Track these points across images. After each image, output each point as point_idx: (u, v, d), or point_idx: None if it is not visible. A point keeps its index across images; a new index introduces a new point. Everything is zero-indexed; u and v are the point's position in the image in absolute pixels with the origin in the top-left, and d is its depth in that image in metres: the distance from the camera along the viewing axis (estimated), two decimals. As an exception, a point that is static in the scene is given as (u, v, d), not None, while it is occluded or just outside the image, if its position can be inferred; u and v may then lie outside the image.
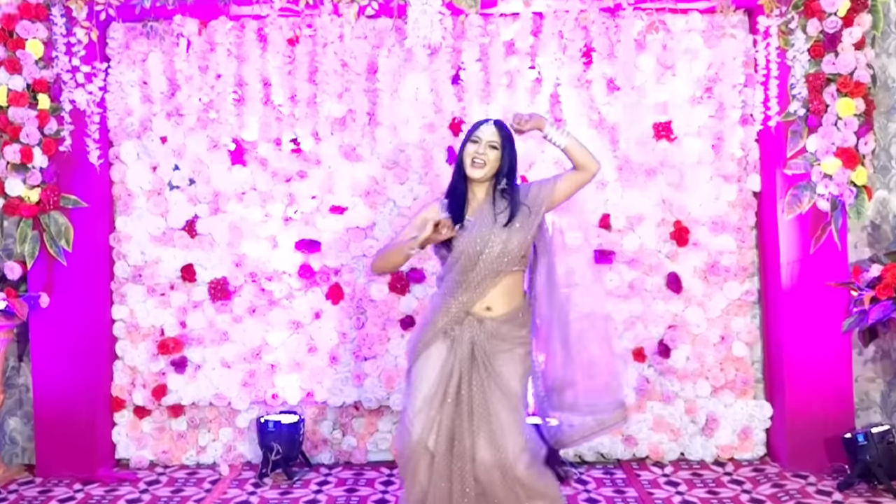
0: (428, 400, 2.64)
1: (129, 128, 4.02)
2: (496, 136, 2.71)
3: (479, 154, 2.69)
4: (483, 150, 2.69)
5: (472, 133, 2.74)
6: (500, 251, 2.66)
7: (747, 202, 4.06)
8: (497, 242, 2.66)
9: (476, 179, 2.71)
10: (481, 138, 2.71)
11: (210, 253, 4.06)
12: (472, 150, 2.70)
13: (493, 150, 2.70)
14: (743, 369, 4.05)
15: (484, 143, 2.70)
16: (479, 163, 2.69)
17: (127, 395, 4.06)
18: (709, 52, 3.98)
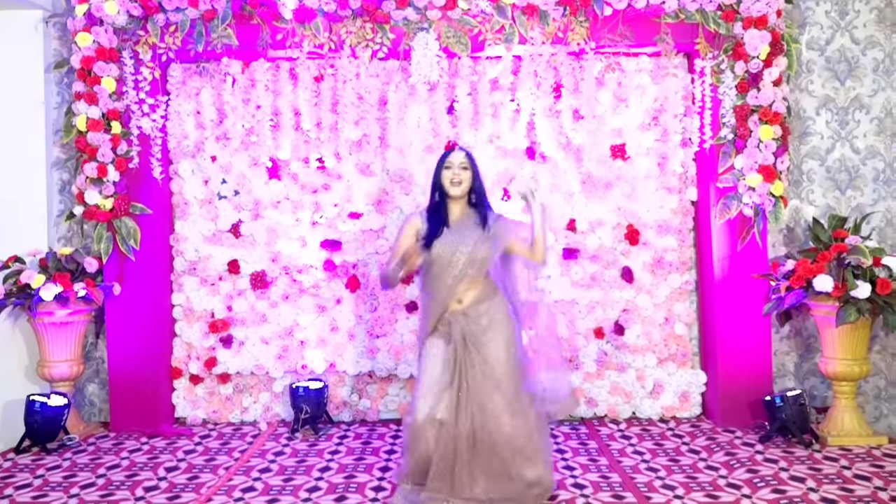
0: (434, 382, 2.64)
1: (185, 149, 4.09)
2: (465, 160, 2.79)
3: (455, 175, 2.76)
4: (457, 171, 2.77)
5: (444, 161, 2.80)
6: (467, 259, 2.70)
7: (686, 209, 4.13)
8: (464, 252, 2.70)
9: (455, 196, 2.77)
10: (453, 163, 2.78)
11: (251, 250, 4.11)
12: (448, 174, 2.78)
13: (465, 171, 2.78)
14: (683, 345, 4.13)
15: (457, 166, 2.78)
16: (457, 181, 2.76)
17: (184, 366, 4.13)
18: (655, 87, 4.04)
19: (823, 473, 3.21)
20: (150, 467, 3.47)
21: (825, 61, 4.15)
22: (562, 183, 4.13)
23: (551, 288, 4.09)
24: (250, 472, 3.36)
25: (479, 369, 2.62)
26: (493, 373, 2.62)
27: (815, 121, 4.16)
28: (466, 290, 2.72)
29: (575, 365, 4.08)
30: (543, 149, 4.08)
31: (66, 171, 4.14)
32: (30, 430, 3.70)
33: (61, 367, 3.91)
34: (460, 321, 2.69)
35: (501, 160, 4.06)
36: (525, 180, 2.84)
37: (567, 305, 4.12)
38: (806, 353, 4.22)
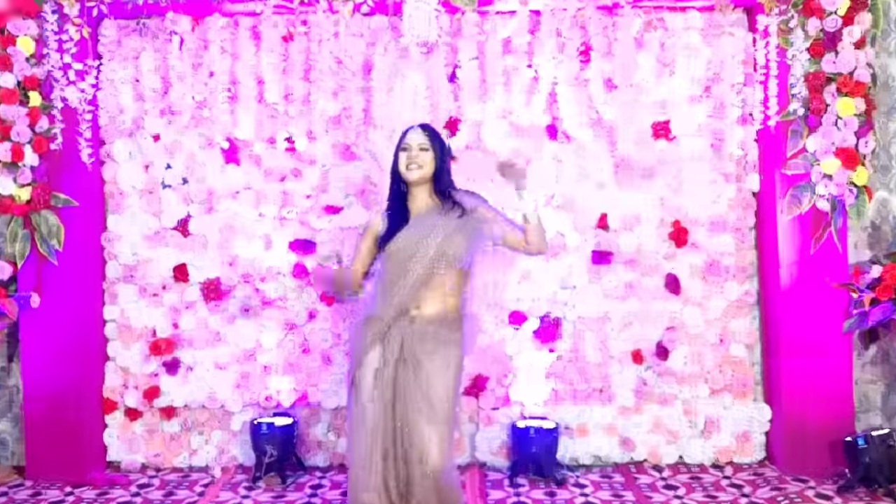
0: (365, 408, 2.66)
1: (120, 126, 3.97)
2: (424, 139, 2.78)
3: (411, 158, 2.75)
4: (415, 153, 2.76)
5: (401, 142, 2.81)
6: (436, 253, 2.69)
7: (746, 202, 4.00)
8: (432, 245, 2.69)
9: (415, 181, 2.76)
10: (410, 144, 2.77)
11: (203, 253, 4.00)
12: (404, 157, 2.77)
13: (424, 153, 2.76)
14: (742, 371, 3.99)
15: (415, 148, 2.76)
16: (414, 166, 2.75)
17: (119, 397, 4.00)
18: (708, 50, 3.93)
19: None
20: (72, 527, 3.39)
21: (920, 18, 4.00)
22: (591, 169, 4.00)
23: (576, 300, 3.95)
24: (198, 535, 3.33)
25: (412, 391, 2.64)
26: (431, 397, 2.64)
27: (908, 92, 4.02)
28: (428, 294, 2.71)
29: (607, 396, 3.95)
30: (567, 126, 3.95)
31: (-29, 153, 4.05)
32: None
33: (-38, 399, 3.71)
34: (404, 329, 2.69)
35: (515, 140, 3.93)
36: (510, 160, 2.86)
37: (597, 322, 3.97)
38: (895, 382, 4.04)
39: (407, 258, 2.70)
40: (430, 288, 2.72)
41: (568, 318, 3.91)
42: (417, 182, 2.77)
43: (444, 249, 2.70)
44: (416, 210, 2.80)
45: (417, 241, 2.71)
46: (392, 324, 2.71)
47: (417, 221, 2.76)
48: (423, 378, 2.64)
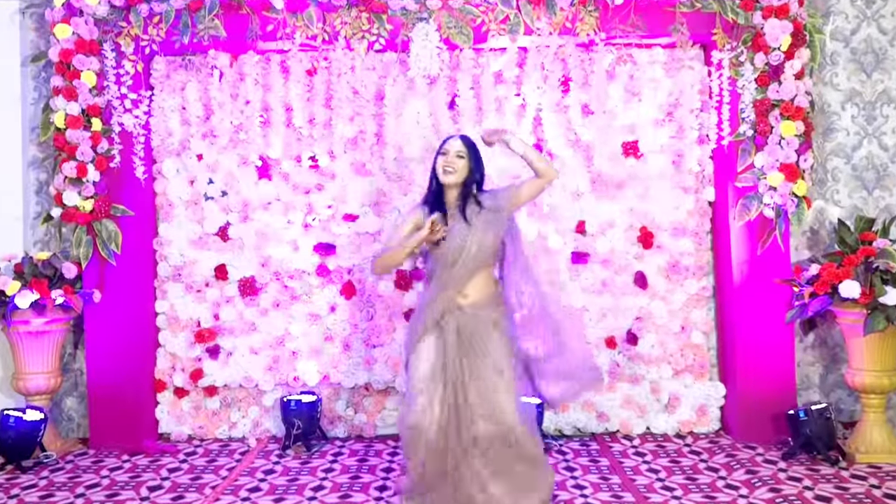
0: (426, 382, 2.70)
1: (169, 147, 4.08)
2: (462, 147, 2.84)
3: (448, 163, 2.82)
4: (451, 159, 2.82)
5: (441, 147, 2.88)
6: (478, 249, 2.77)
7: (703, 210, 4.12)
8: (474, 242, 2.76)
9: (448, 184, 2.82)
10: (449, 150, 2.84)
11: (240, 255, 4.09)
12: (442, 160, 2.84)
13: (460, 159, 2.82)
14: (700, 355, 4.10)
15: (452, 154, 2.83)
16: (450, 170, 2.81)
17: (168, 378, 4.11)
18: (670, 81, 4.04)
19: (851, 493, 3.19)
20: (132, 487, 3.45)
21: (851, 53, 4.15)
22: (570, 182, 4.12)
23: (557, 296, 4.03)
24: (238, 492, 3.36)
25: (478, 359, 2.67)
26: (496, 364, 2.68)
27: (841, 116, 4.17)
28: (471, 282, 2.78)
29: None
30: (551, 146, 4.07)
31: (43, 170, 4.14)
32: (3, 446, 3.69)
33: (37, 379, 3.90)
34: (458, 316, 2.75)
35: (506, 159, 3.96)
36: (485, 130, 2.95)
37: (576, 313, 4.09)
38: (832, 363, 4.21)
39: (456, 255, 2.76)
40: (475, 278, 2.80)
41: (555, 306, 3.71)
42: (450, 185, 2.82)
43: (483, 244, 2.77)
44: (449, 208, 2.85)
45: (462, 240, 2.75)
46: (445, 312, 2.78)
47: (457, 222, 2.80)
48: (484, 353, 2.69)
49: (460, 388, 2.66)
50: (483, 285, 2.83)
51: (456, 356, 2.70)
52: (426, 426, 2.65)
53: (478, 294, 2.81)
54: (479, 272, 2.82)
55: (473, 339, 2.72)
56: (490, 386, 2.65)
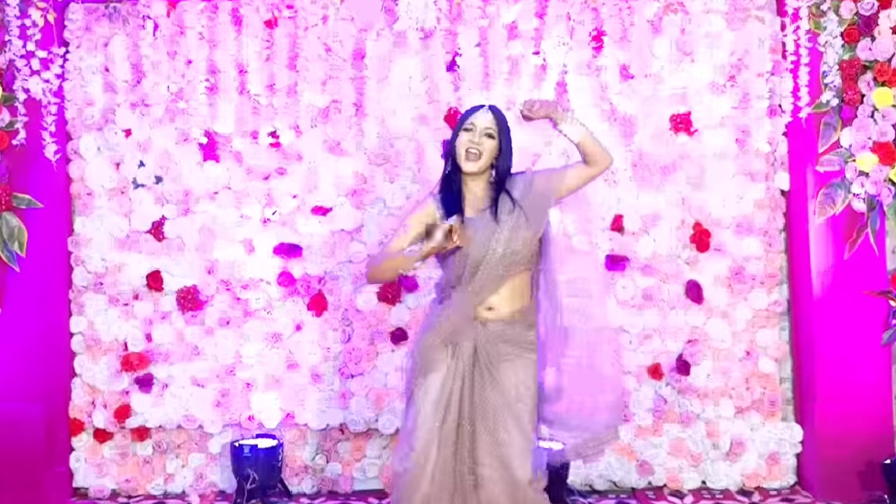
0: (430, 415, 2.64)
1: (89, 119, 3.98)
2: (492, 124, 2.69)
3: (473, 144, 2.66)
4: (478, 139, 2.66)
5: (466, 120, 2.72)
6: (504, 252, 2.65)
7: (775, 202, 4.01)
8: (500, 243, 2.65)
9: (471, 173, 2.69)
10: (476, 126, 2.68)
11: (179, 258, 4.01)
12: (467, 139, 2.67)
13: (489, 139, 2.67)
14: (770, 388, 4.00)
15: (479, 132, 2.67)
16: (475, 153, 2.67)
17: (86, 417, 3.99)
18: (732, 36, 3.95)
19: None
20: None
21: (964, 0, 4.08)
22: None
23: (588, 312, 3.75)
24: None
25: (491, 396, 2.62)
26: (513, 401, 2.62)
27: (952, 81, 3.94)
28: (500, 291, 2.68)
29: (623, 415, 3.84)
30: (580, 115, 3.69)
31: (-74, 149, 4.02)
32: None
33: (-87, 418, 3.70)
34: (477, 330, 2.67)
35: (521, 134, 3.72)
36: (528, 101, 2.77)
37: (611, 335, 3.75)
38: None
39: (477, 260, 2.66)
40: (503, 288, 2.69)
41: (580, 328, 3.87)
42: (470, 172, 2.71)
43: (511, 245, 2.66)
44: (473, 201, 2.74)
45: (484, 242, 2.66)
46: (462, 331, 2.69)
47: (478, 218, 2.71)
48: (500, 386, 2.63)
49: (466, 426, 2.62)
50: (515, 297, 2.71)
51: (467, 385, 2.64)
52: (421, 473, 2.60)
53: (508, 307, 2.69)
54: (511, 279, 2.69)
55: (492, 363, 2.65)
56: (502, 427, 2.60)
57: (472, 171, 2.68)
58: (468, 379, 2.65)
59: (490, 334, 2.67)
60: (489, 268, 2.65)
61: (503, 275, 2.67)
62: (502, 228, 2.66)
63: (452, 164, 2.73)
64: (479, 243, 2.65)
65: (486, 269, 2.65)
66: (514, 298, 2.71)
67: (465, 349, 2.66)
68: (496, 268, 2.65)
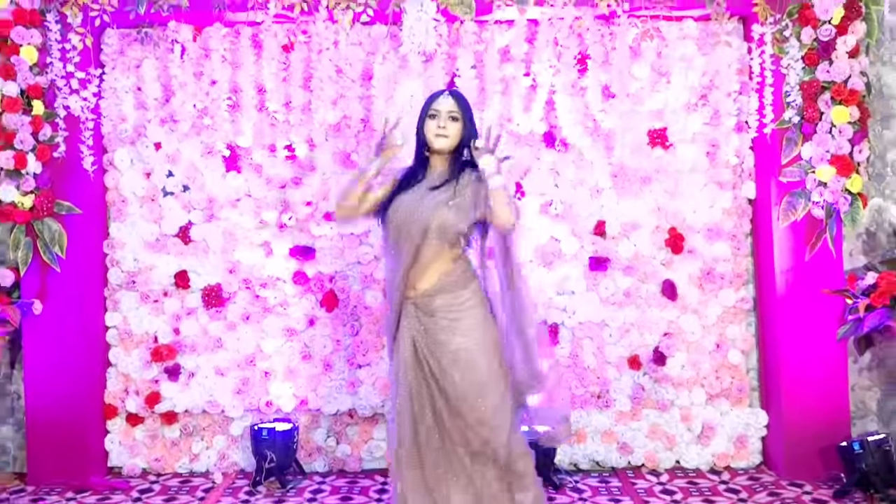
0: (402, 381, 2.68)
1: (122, 134, 4.02)
2: (455, 107, 2.72)
3: (440, 128, 2.69)
4: (444, 122, 2.70)
5: (429, 107, 2.74)
6: (423, 228, 2.62)
7: (742, 209, 4.07)
8: (420, 218, 2.62)
9: (440, 150, 2.72)
10: (440, 111, 2.71)
11: (204, 259, 4.05)
12: (433, 125, 2.70)
13: (453, 122, 2.71)
14: (738, 377, 4.05)
15: (444, 116, 2.70)
16: (443, 134, 2.69)
17: (120, 403, 4.04)
18: (703, 59, 3.98)
19: (918, 540, 3.04)
20: (74, 532, 3.28)
21: (913, 28, 4.10)
22: (588, 176, 4.06)
23: (575, 307, 4.04)
24: (199, 539, 3.20)
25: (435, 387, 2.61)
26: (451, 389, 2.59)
27: (902, 100, 4.11)
28: (423, 272, 2.65)
29: (605, 402, 4.04)
30: (565, 134, 4.02)
31: (-25, 161, 4.05)
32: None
33: (-35, 404, 3.74)
34: (411, 315, 2.66)
35: (514, 148, 3.97)
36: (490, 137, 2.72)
37: (594, 328, 4.05)
38: (892, 387, 4.10)
39: (398, 232, 2.65)
40: (424, 264, 2.65)
41: (566, 324, 3.98)
42: (441, 151, 2.72)
43: (433, 223, 2.62)
44: (431, 180, 2.74)
45: (410, 211, 2.63)
46: (400, 313, 2.68)
47: (416, 189, 2.69)
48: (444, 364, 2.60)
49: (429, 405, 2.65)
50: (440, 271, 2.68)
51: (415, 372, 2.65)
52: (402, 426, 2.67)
53: (431, 281, 2.67)
54: (430, 256, 2.66)
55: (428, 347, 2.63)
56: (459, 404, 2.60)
57: (442, 147, 2.70)
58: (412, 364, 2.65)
59: (420, 314, 2.65)
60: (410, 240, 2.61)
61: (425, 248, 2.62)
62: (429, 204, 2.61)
63: (420, 147, 2.77)
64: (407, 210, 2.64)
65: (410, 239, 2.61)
66: (438, 278, 2.66)
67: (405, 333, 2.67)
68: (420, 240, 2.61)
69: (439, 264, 2.67)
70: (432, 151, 2.75)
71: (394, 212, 2.68)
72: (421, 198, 2.66)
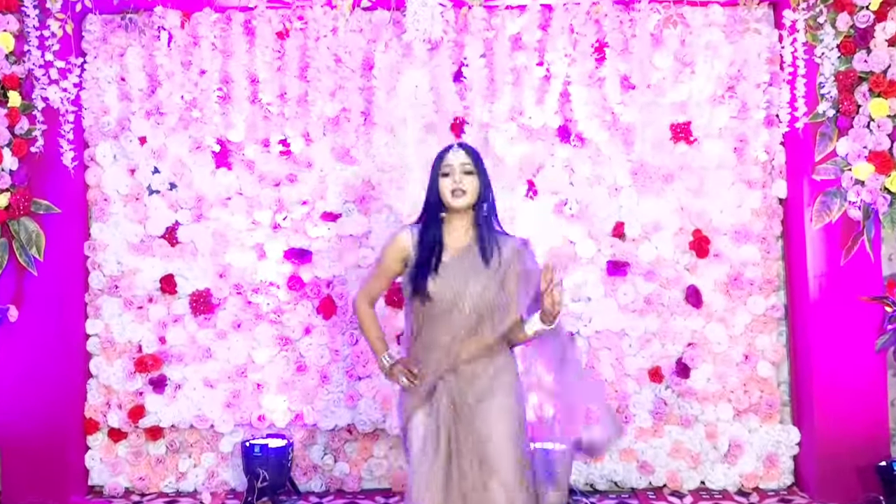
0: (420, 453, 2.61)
1: (105, 127, 4.00)
2: (467, 159, 2.67)
3: (456, 184, 2.63)
4: (458, 177, 2.64)
5: (440, 165, 2.68)
6: (473, 308, 2.59)
7: (772, 210, 4.03)
8: (469, 298, 2.59)
9: (458, 209, 2.65)
10: (453, 166, 2.66)
11: (192, 263, 4.04)
12: (448, 183, 2.64)
13: (468, 177, 2.65)
14: (768, 391, 4.01)
15: (458, 171, 2.65)
16: (460, 190, 2.63)
17: (101, 417, 4.02)
18: (731, 48, 3.95)
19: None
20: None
21: (957, 13, 4.05)
22: (606, 174, 4.04)
23: (592, 314, 4.01)
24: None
25: (472, 449, 2.58)
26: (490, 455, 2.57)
27: (945, 92, 4.07)
28: (469, 344, 2.63)
29: (624, 417, 3.99)
30: (581, 128, 3.99)
31: (-53, 156, 4.08)
32: None
33: (-65, 417, 3.74)
34: (449, 381, 2.62)
35: (525, 143, 3.97)
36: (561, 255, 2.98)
37: (613, 338, 4.02)
38: None
39: (444, 309, 2.61)
40: (472, 341, 2.64)
41: (581, 333, 3.94)
42: (460, 209, 2.66)
43: (483, 302, 2.61)
44: (452, 243, 2.68)
45: (456, 291, 2.60)
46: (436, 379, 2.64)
47: (455, 261, 2.64)
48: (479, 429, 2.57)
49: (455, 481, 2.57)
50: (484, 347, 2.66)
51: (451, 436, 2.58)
52: None
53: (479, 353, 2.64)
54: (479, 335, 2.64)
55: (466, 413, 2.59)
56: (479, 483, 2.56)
57: (460, 206, 2.63)
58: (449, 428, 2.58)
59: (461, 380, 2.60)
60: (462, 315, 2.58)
61: (478, 327, 2.60)
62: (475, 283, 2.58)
63: (435, 208, 2.68)
64: (451, 289, 2.59)
65: (460, 316, 2.58)
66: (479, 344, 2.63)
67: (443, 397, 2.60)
68: (470, 317, 2.59)
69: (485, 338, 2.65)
70: (450, 211, 2.68)
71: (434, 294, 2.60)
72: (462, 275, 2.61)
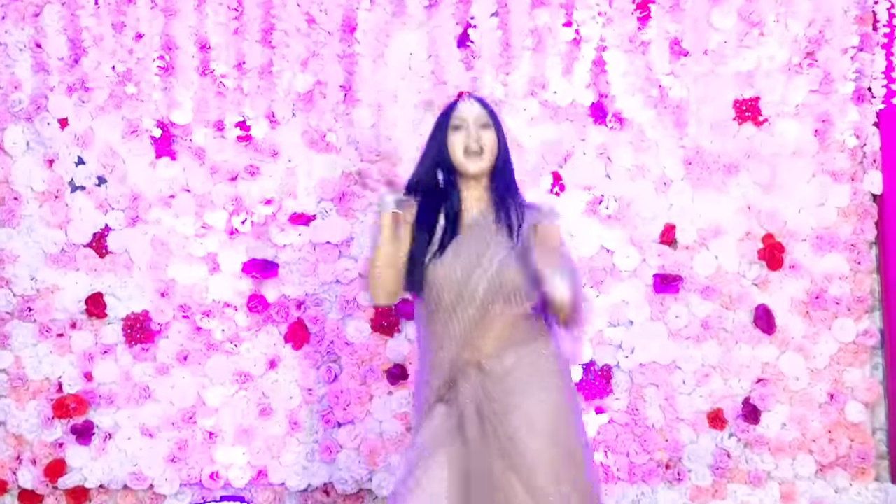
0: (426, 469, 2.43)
1: (15, 107, 3.75)
2: (484, 112, 2.54)
3: (473, 139, 2.49)
4: (475, 132, 2.49)
5: (450, 118, 2.55)
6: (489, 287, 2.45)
7: (864, 209, 3.73)
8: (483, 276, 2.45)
9: (473, 175, 2.52)
10: (467, 119, 2.52)
11: (126, 279, 3.75)
12: (460, 138, 2.50)
13: (486, 130, 2.52)
14: (860, 439, 3.71)
15: (472, 125, 2.51)
16: (476, 149, 2.49)
17: (10, 475, 3.72)
18: (810, 3, 3.68)
19: None
20: None
21: None
22: (652, 164, 3.76)
23: (635, 342, 3.69)
24: None
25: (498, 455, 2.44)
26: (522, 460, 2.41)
27: None
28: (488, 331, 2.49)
29: (676, 473, 3.62)
30: (620, 106, 3.72)
31: None
32: None
33: None
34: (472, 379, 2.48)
35: (550, 125, 3.70)
36: None
37: (662, 372, 3.70)
38: None
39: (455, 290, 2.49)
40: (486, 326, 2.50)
41: (622, 366, 3.64)
42: (476, 175, 2.52)
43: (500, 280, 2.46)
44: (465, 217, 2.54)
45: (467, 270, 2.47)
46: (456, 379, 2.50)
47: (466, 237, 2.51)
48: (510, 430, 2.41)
49: None
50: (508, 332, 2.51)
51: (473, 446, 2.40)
52: None
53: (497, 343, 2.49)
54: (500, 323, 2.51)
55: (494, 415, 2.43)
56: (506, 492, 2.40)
57: (475, 170, 2.50)
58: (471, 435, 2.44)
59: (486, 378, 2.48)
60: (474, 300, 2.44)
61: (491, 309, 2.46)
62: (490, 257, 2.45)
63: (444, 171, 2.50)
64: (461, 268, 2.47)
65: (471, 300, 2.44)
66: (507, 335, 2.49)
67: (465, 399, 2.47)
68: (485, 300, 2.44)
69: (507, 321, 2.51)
70: (462, 177, 2.54)
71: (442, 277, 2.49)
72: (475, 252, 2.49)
